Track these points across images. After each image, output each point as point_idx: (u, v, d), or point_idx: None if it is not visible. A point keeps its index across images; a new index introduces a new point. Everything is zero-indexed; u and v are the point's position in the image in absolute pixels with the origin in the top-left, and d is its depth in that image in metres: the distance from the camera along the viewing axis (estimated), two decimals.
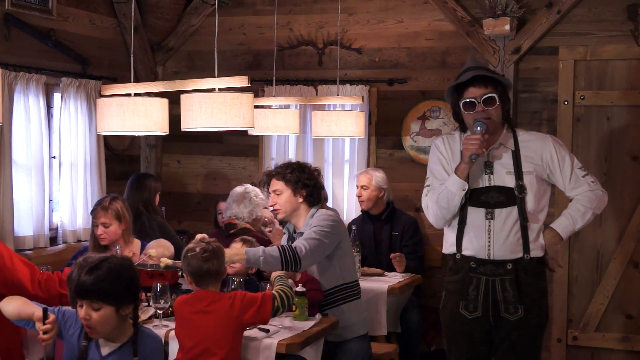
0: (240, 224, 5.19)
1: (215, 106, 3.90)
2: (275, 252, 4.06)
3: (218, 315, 3.59)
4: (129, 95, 4.08)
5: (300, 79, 6.67)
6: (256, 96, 5.42)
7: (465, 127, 3.82)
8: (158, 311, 3.93)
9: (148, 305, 4.12)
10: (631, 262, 5.83)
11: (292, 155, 6.64)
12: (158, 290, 3.88)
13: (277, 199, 4.46)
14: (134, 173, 6.13)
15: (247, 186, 5.33)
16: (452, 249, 3.83)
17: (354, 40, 6.57)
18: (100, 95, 4.24)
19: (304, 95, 6.54)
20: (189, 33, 6.99)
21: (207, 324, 3.58)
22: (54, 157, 5.95)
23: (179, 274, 4.35)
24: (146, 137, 6.95)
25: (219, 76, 4.03)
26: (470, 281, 3.76)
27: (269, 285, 4.06)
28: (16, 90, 5.46)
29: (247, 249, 4.08)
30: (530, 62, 6.07)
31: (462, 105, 3.73)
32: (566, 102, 5.94)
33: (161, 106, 4.10)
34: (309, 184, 4.44)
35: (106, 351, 3.17)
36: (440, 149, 3.88)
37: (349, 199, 6.58)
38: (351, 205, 6.55)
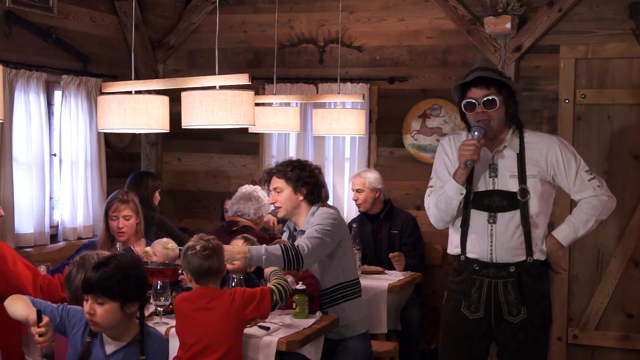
0: (243, 221, 5.19)
1: (216, 104, 3.90)
2: (277, 251, 4.06)
3: (219, 312, 3.59)
4: (129, 92, 4.08)
5: (301, 77, 6.67)
6: (257, 94, 5.41)
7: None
8: (158, 308, 3.93)
9: (148, 303, 4.12)
10: (631, 260, 5.83)
11: (292, 153, 6.64)
12: (158, 287, 3.88)
13: (278, 197, 4.46)
14: (134, 171, 6.13)
15: (256, 187, 5.33)
16: (457, 251, 3.82)
17: (355, 38, 6.56)
18: (101, 93, 4.24)
19: (305, 93, 6.53)
20: (190, 31, 6.99)
21: (208, 320, 3.58)
22: (55, 154, 5.95)
23: (179, 272, 4.35)
24: (147, 134, 6.95)
25: (219, 74, 4.03)
26: (473, 283, 3.75)
27: (268, 284, 4.06)
28: (17, 87, 5.46)
29: (249, 247, 4.08)
30: (531, 61, 6.07)
31: (463, 106, 3.73)
32: (567, 101, 5.94)
33: (162, 104, 4.10)
34: (309, 182, 4.44)
35: (111, 349, 3.17)
36: (446, 150, 3.86)
37: (349, 197, 6.58)
38: (351, 203, 6.53)
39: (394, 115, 6.47)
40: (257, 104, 5.28)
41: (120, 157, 6.73)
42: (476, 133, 3.64)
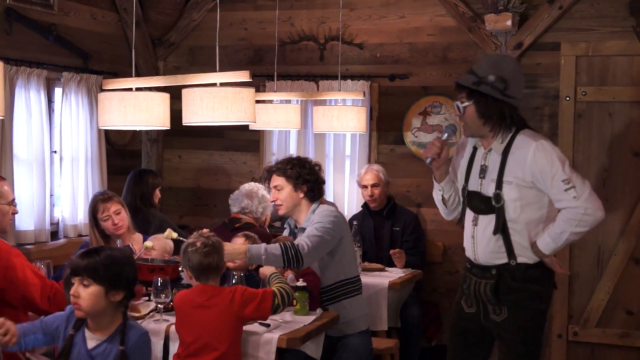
0: (245, 218, 5.19)
1: (216, 101, 3.90)
2: (277, 251, 4.06)
3: (218, 310, 3.59)
4: (130, 89, 4.07)
5: (301, 74, 6.67)
6: (257, 91, 5.42)
7: None
8: (159, 305, 3.93)
9: (149, 300, 4.12)
10: (632, 258, 5.82)
11: (293, 150, 6.63)
12: (159, 284, 3.88)
13: (279, 195, 4.46)
14: (134, 169, 6.13)
15: (258, 185, 5.31)
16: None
17: (356, 36, 6.56)
18: (102, 90, 4.24)
19: (305, 91, 6.53)
20: (190, 28, 6.99)
21: (207, 318, 3.59)
22: (55, 151, 5.94)
23: (180, 269, 4.35)
24: (147, 131, 6.95)
25: (220, 71, 4.02)
26: (465, 279, 3.87)
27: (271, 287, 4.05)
28: (17, 84, 5.46)
29: (249, 246, 4.07)
30: (532, 58, 6.06)
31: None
32: (568, 98, 5.94)
33: (162, 101, 4.09)
34: (309, 179, 4.44)
35: (92, 344, 3.19)
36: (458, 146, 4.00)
37: (349, 195, 6.58)
38: (352, 200, 6.55)
39: (394, 112, 6.47)
40: (257, 101, 5.28)
41: (120, 154, 6.73)
42: (446, 134, 3.81)
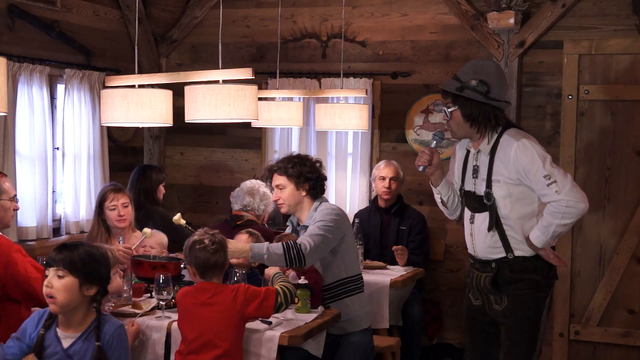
0: (247, 216, 5.18)
1: (219, 98, 3.91)
2: (279, 250, 4.06)
3: (220, 308, 3.59)
4: (132, 86, 4.08)
5: (303, 71, 6.66)
6: (260, 89, 5.41)
7: None
8: (161, 302, 3.93)
9: (151, 297, 4.12)
10: (634, 257, 5.82)
11: (295, 148, 6.63)
12: (161, 281, 3.88)
13: (281, 194, 4.45)
14: (138, 164, 6.13)
15: (260, 183, 5.31)
16: None
17: (358, 33, 6.56)
18: (104, 87, 4.24)
19: (308, 88, 6.53)
20: (193, 25, 6.98)
21: (209, 316, 3.59)
22: (58, 148, 5.95)
23: (182, 266, 4.35)
24: (149, 128, 6.95)
25: (222, 68, 4.02)
26: (469, 273, 4.01)
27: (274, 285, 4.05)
28: (20, 81, 5.46)
29: (251, 245, 4.07)
30: (535, 56, 6.06)
31: None
32: (570, 97, 5.93)
33: (165, 98, 4.10)
34: (311, 177, 4.43)
35: (67, 343, 3.19)
36: (455, 150, 4.09)
37: (351, 192, 6.58)
38: (354, 198, 6.55)
39: (396, 110, 6.46)
40: (260, 99, 5.26)
41: (123, 151, 6.74)
42: (434, 142, 3.95)
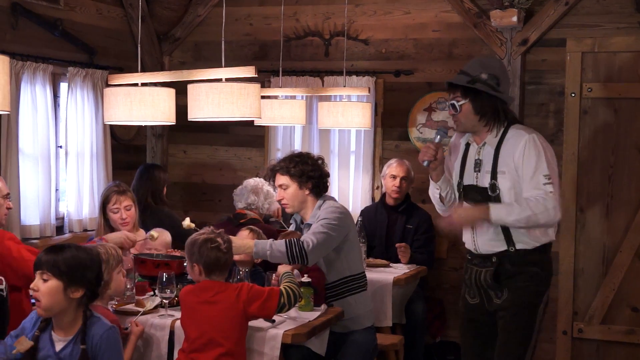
0: (250, 214, 5.18)
1: (222, 96, 3.90)
2: (282, 247, 4.07)
3: (223, 306, 3.59)
4: (135, 85, 4.08)
5: (306, 69, 6.66)
6: (262, 87, 5.41)
7: None
8: (164, 301, 3.94)
9: (154, 295, 4.13)
10: (637, 254, 5.81)
11: (298, 146, 6.63)
12: (164, 279, 3.88)
13: (284, 194, 4.45)
14: (143, 163, 6.13)
15: (263, 181, 5.30)
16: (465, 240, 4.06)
17: (361, 31, 6.55)
18: (107, 85, 4.24)
19: (310, 86, 6.53)
20: (196, 23, 6.98)
21: (212, 314, 3.59)
22: (61, 146, 5.95)
23: (184, 264, 4.35)
24: (152, 127, 6.95)
25: (225, 67, 4.03)
26: (466, 270, 4.02)
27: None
28: (23, 79, 5.46)
29: (256, 241, 4.09)
30: (538, 54, 6.05)
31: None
32: (573, 95, 5.92)
33: (168, 96, 4.10)
34: (313, 175, 4.42)
35: (60, 346, 3.20)
36: (450, 145, 4.12)
37: (354, 190, 6.58)
38: (357, 196, 6.55)
39: (399, 108, 6.46)
40: (262, 97, 5.28)
41: (126, 149, 6.74)
42: (438, 137, 3.95)
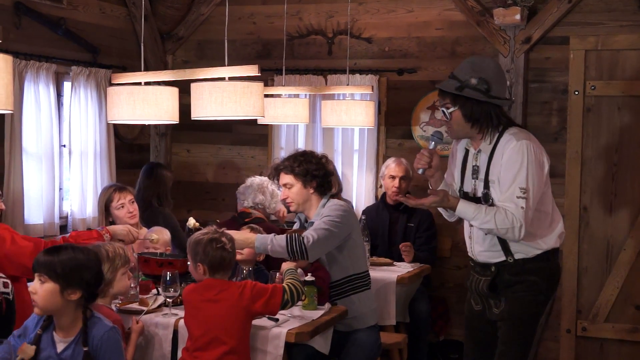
0: (255, 213, 5.19)
1: (225, 95, 3.90)
2: (282, 242, 4.09)
3: (227, 304, 3.60)
4: (139, 84, 4.08)
5: (309, 68, 6.66)
6: (266, 85, 5.41)
7: None
8: (167, 300, 3.94)
9: (158, 294, 4.13)
10: None
11: (301, 144, 6.63)
12: (167, 278, 3.89)
13: (289, 193, 4.44)
14: (148, 163, 6.13)
15: (265, 178, 5.30)
16: None
17: (364, 30, 6.55)
18: (111, 84, 4.24)
19: (314, 85, 6.53)
20: (199, 22, 6.98)
21: (216, 312, 3.59)
22: (64, 145, 5.96)
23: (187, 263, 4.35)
24: (156, 126, 6.96)
25: (228, 65, 4.03)
26: (469, 276, 3.95)
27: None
28: (26, 78, 5.47)
29: (257, 235, 4.12)
30: (541, 52, 6.05)
31: None
32: (577, 92, 5.92)
33: (171, 95, 4.10)
34: (317, 174, 4.42)
35: (61, 347, 3.19)
36: (452, 150, 3.98)
37: (357, 189, 6.58)
38: (360, 195, 6.55)
39: (402, 106, 6.46)
40: (266, 96, 5.28)
41: (129, 148, 6.74)
42: (433, 143, 3.79)
